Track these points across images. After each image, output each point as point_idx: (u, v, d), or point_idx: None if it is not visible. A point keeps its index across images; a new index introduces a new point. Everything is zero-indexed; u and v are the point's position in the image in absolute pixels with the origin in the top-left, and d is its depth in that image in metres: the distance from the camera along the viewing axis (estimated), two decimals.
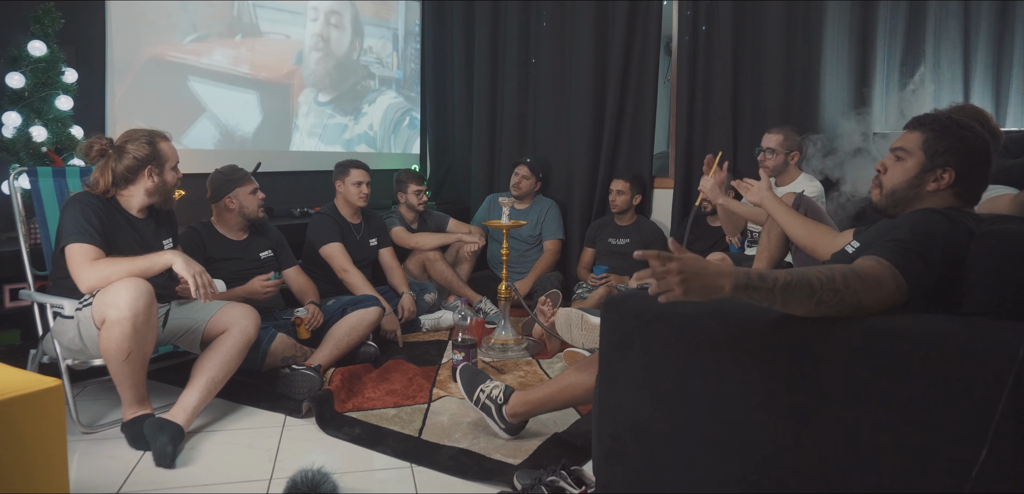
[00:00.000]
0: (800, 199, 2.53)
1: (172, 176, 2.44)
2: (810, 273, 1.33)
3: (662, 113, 4.55)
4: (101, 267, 2.18)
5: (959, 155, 1.53)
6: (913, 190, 1.58)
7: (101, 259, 2.21)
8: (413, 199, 4.03)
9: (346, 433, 2.32)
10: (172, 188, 2.46)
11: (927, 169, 1.56)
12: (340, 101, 4.79)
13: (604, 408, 1.65)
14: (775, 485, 1.41)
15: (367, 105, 4.99)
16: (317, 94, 4.62)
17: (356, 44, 4.87)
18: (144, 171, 2.37)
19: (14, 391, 1.30)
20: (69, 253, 2.21)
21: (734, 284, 1.28)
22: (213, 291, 2.22)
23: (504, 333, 3.29)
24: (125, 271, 2.17)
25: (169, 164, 2.43)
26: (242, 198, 3.02)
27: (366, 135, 5.00)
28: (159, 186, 2.41)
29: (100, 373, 2.48)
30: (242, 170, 3.05)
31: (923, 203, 1.57)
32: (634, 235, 4.12)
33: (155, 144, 2.39)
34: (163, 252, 2.28)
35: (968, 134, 1.55)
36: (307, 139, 4.59)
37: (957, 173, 1.54)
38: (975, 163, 1.54)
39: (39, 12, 3.00)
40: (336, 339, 2.90)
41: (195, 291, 2.18)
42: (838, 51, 3.61)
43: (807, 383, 1.37)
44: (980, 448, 1.17)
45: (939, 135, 1.55)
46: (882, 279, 1.36)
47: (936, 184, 1.55)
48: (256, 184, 3.09)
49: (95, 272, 2.17)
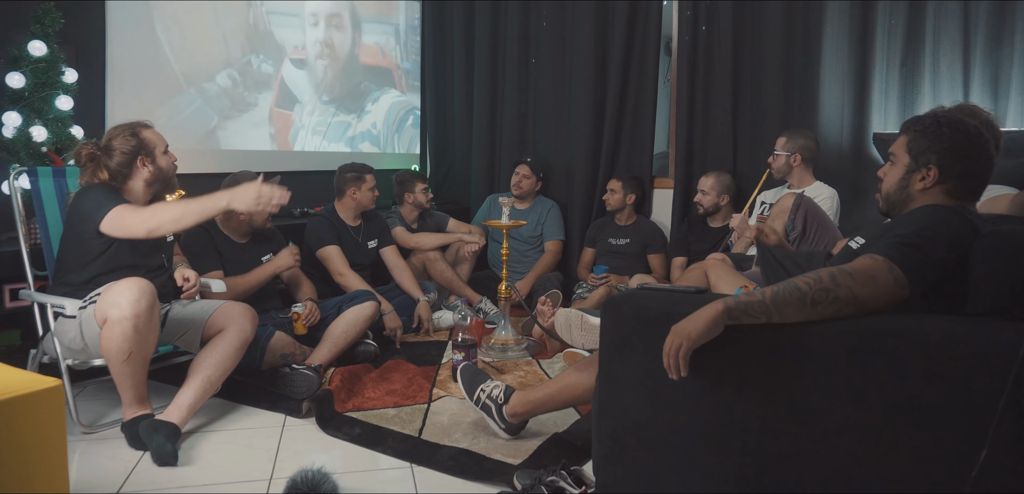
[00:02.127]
0: (801, 199, 2.53)
1: (165, 160, 2.43)
2: (797, 279, 1.39)
3: (662, 113, 4.55)
4: (153, 211, 2.23)
5: (940, 152, 1.55)
6: (903, 191, 1.61)
7: (153, 205, 2.25)
8: (421, 198, 4.04)
9: (346, 433, 2.32)
10: (170, 173, 2.45)
11: (912, 169, 1.59)
12: (344, 100, 4.80)
13: (604, 408, 1.65)
14: (775, 485, 1.41)
15: (371, 104, 5.00)
16: (321, 94, 4.63)
17: (358, 40, 4.87)
18: (136, 162, 2.37)
19: (14, 391, 1.30)
20: (113, 215, 2.21)
21: (726, 309, 1.40)
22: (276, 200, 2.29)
23: (504, 333, 3.29)
24: (180, 212, 2.24)
25: (158, 149, 2.41)
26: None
27: (369, 133, 5.01)
28: (156, 173, 2.40)
29: (100, 373, 2.48)
30: (251, 176, 3.04)
31: (916, 203, 1.58)
32: (634, 235, 4.12)
33: (139, 134, 2.38)
34: (220, 194, 2.30)
35: (948, 131, 1.55)
36: (310, 138, 4.60)
37: (940, 169, 1.55)
38: (958, 157, 1.54)
39: (39, 12, 3.00)
40: (334, 337, 2.90)
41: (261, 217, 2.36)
42: (837, 51, 3.61)
43: (807, 383, 1.37)
44: (980, 448, 1.17)
45: (920, 134, 1.58)
46: (875, 272, 1.37)
47: (923, 182, 1.57)
48: None
49: (153, 214, 2.21)
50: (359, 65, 4.89)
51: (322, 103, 4.64)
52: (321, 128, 4.65)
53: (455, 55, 5.00)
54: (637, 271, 4.00)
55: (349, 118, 4.84)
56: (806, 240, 2.50)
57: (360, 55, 4.90)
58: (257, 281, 2.96)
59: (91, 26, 3.39)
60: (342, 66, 4.77)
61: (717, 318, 1.40)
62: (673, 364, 1.42)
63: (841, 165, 3.59)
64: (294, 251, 3.10)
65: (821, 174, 3.39)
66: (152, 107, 3.60)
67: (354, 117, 4.87)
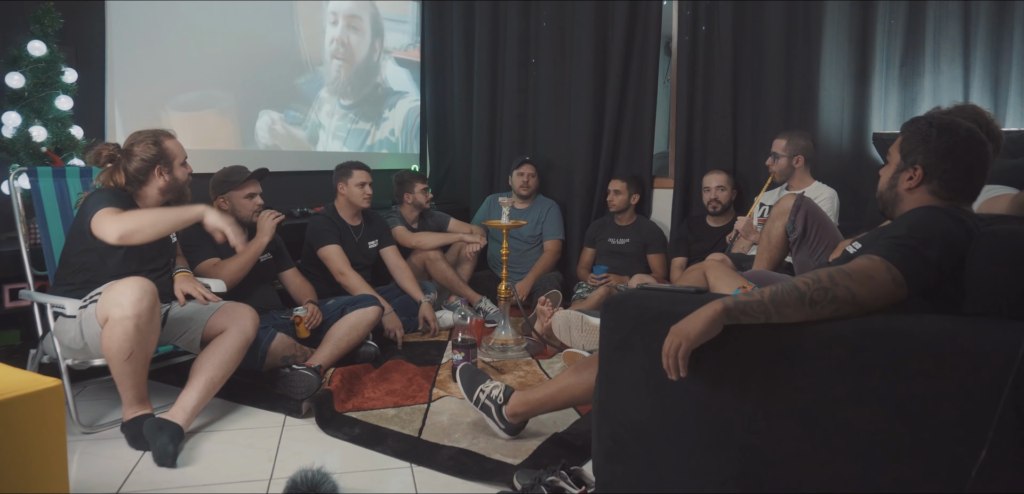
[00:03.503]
0: (801, 200, 2.53)
1: (182, 172, 2.48)
2: (796, 279, 1.41)
3: (662, 113, 4.55)
4: (129, 217, 2.22)
5: (926, 152, 1.57)
6: (892, 191, 1.64)
7: (132, 210, 2.25)
8: (421, 198, 4.04)
9: (346, 433, 2.32)
10: (184, 184, 2.50)
11: (901, 169, 1.62)
12: (362, 106, 4.84)
13: (604, 408, 1.65)
14: (775, 485, 1.41)
15: (388, 110, 5.05)
16: (339, 98, 4.67)
17: (377, 45, 4.90)
18: (154, 171, 2.40)
19: (14, 391, 1.30)
20: (97, 219, 2.23)
21: (725, 308, 1.40)
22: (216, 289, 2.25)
23: (504, 333, 3.29)
24: (154, 219, 2.23)
25: (177, 161, 2.47)
26: (235, 201, 3.02)
27: (387, 141, 5.07)
28: (171, 184, 2.45)
29: (100, 373, 2.48)
30: (242, 172, 3.05)
31: (904, 202, 1.61)
32: (634, 235, 4.12)
33: (161, 143, 2.42)
34: (194, 205, 2.32)
35: (934, 133, 1.57)
36: (332, 141, 4.64)
37: (925, 169, 1.57)
38: (942, 158, 1.56)
39: (39, 12, 3.00)
40: (336, 339, 2.89)
41: (233, 237, 2.25)
42: (837, 51, 3.61)
43: (807, 383, 1.37)
44: (980, 448, 1.17)
45: (909, 135, 1.62)
46: (873, 272, 1.38)
47: (909, 182, 1.60)
48: (255, 189, 3.08)
49: (129, 219, 2.21)
50: (377, 66, 4.91)
51: (339, 106, 4.68)
52: (340, 133, 4.70)
53: (455, 55, 5.01)
54: (637, 271, 4.00)
55: (367, 125, 4.87)
56: (806, 241, 2.50)
57: (379, 58, 4.92)
58: (249, 259, 2.92)
59: (91, 26, 3.39)
60: (354, 69, 4.79)
61: (716, 318, 1.40)
62: (672, 364, 1.43)
63: (841, 165, 3.59)
64: (273, 215, 3.07)
65: (820, 174, 3.39)
66: (152, 107, 3.60)
67: (371, 124, 4.91)
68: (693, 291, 1.64)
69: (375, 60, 4.90)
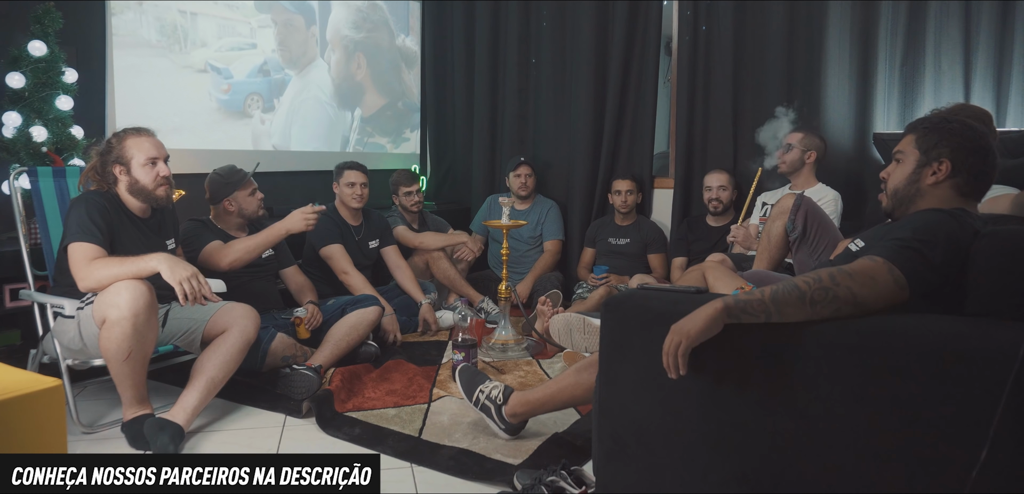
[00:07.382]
0: (801, 199, 2.53)
1: (143, 173, 2.34)
2: (797, 279, 1.40)
3: (662, 113, 4.55)
4: (96, 269, 2.17)
5: (953, 146, 1.56)
6: (913, 186, 1.60)
7: (98, 260, 2.19)
8: (404, 200, 4.02)
9: (346, 433, 2.31)
10: (149, 187, 2.36)
11: (923, 164, 1.58)
12: (378, 120, 4.86)
13: (604, 408, 1.65)
14: (775, 485, 1.41)
15: (409, 131, 5.13)
16: (357, 109, 4.71)
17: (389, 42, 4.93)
18: (111, 168, 2.36)
19: (14, 391, 1.30)
20: (71, 252, 2.21)
21: (725, 307, 1.40)
22: (205, 293, 2.14)
23: (504, 333, 3.28)
24: (115, 275, 2.13)
25: (136, 160, 2.34)
26: (241, 200, 3.02)
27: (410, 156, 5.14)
28: (132, 184, 2.36)
29: (100, 373, 2.48)
30: (240, 171, 3.05)
31: (925, 199, 1.58)
32: (634, 235, 4.12)
33: (115, 141, 2.37)
34: (150, 256, 2.17)
35: (958, 127, 1.57)
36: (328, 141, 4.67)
37: (953, 163, 1.55)
38: (970, 151, 1.55)
39: (39, 12, 3.00)
40: (336, 339, 2.89)
41: (183, 298, 2.10)
42: (839, 51, 3.61)
43: (807, 383, 1.37)
44: (980, 448, 1.17)
45: (930, 131, 1.60)
46: (875, 273, 1.37)
47: (934, 176, 1.57)
48: (255, 185, 3.08)
49: (91, 274, 2.16)
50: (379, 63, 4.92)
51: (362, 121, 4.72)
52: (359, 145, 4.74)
53: (455, 55, 5.01)
54: (637, 271, 4.00)
55: (385, 140, 4.91)
56: (806, 241, 2.50)
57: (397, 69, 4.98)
58: (261, 243, 2.87)
59: (91, 26, 3.39)
60: (355, 68, 4.81)
61: (716, 316, 1.40)
62: (672, 363, 1.42)
63: (842, 165, 3.59)
64: (317, 211, 2.95)
65: (823, 175, 3.39)
66: (152, 107, 3.60)
67: (389, 141, 4.95)
68: (693, 291, 1.64)
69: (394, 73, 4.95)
